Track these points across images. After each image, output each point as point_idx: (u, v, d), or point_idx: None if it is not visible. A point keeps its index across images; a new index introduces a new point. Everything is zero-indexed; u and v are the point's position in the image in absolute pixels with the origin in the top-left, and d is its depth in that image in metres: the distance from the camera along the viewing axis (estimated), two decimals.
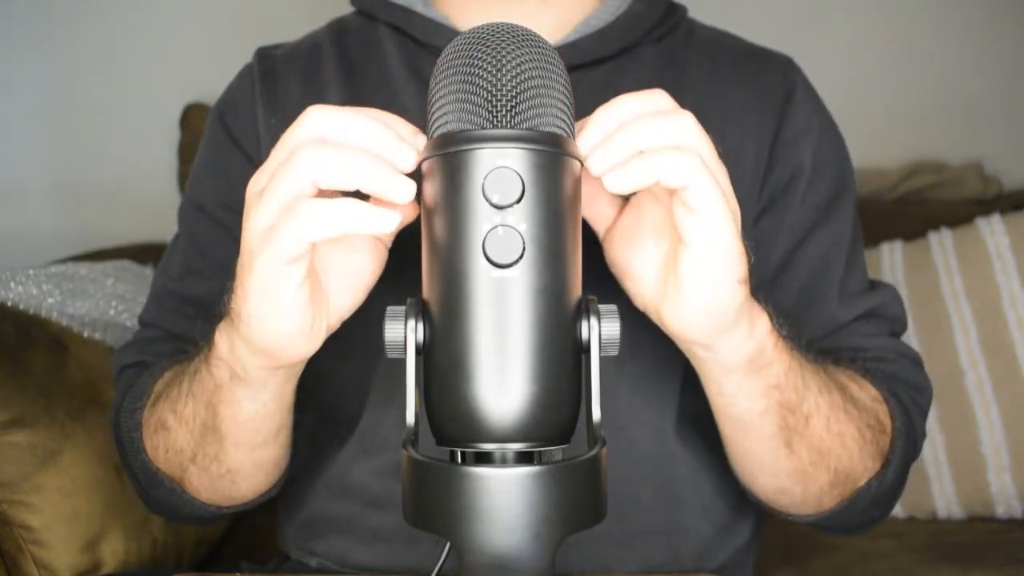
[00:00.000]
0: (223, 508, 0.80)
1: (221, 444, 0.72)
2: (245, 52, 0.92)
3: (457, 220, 0.51)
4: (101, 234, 1.70)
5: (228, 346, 0.64)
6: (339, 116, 0.55)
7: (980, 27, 1.80)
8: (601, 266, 0.71)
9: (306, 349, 0.61)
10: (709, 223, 0.56)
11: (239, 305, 0.60)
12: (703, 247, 0.57)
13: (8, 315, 1.08)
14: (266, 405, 0.68)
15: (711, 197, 0.55)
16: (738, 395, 0.68)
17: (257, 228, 0.55)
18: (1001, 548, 1.30)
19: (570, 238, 0.53)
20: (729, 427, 0.73)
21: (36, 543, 0.95)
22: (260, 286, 0.56)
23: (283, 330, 0.59)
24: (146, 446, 0.78)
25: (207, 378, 0.68)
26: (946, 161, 1.76)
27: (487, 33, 0.54)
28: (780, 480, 0.75)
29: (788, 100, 0.84)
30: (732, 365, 0.65)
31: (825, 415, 0.72)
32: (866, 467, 0.77)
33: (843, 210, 0.84)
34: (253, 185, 0.58)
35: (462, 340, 0.51)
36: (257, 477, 0.77)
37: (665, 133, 0.55)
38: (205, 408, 0.70)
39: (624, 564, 0.80)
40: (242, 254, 0.58)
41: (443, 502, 0.49)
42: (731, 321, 0.61)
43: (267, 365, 0.63)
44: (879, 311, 0.84)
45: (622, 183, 0.54)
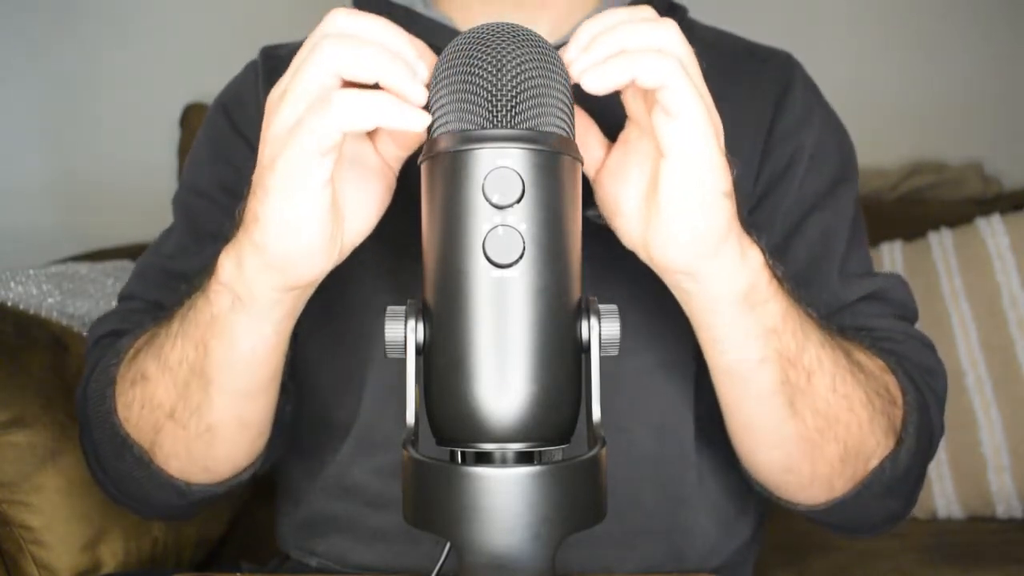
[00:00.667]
0: (193, 486, 0.76)
1: (207, 392, 0.68)
2: (245, 52, 0.92)
3: (457, 220, 0.51)
4: (101, 234, 1.70)
5: (236, 265, 0.61)
6: (361, 16, 0.55)
7: (980, 27, 1.80)
8: (601, 266, 0.71)
9: (320, 266, 0.59)
10: (687, 128, 0.55)
11: (256, 207, 0.57)
12: (682, 154, 0.56)
13: (8, 315, 1.08)
14: (264, 340, 0.65)
15: (689, 100, 0.54)
16: (730, 338, 0.65)
17: (282, 126, 0.55)
18: (1001, 548, 1.30)
19: (570, 238, 0.53)
20: (726, 384, 0.70)
21: (36, 543, 0.95)
22: (284, 183, 0.55)
23: (302, 237, 0.57)
24: (118, 404, 0.73)
25: (203, 311, 0.65)
26: (946, 161, 1.76)
27: (487, 33, 0.54)
28: (785, 452, 0.72)
29: (785, 92, 0.84)
30: (722, 298, 0.63)
31: (829, 373, 0.68)
32: (878, 442, 0.73)
33: (844, 196, 0.83)
34: (274, 91, 0.57)
35: (462, 340, 0.51)
36: (237, 441, 0.73)
37: (647, 36, 0.55)
38: (195, 348, 0.67)
39: (624, 564, 0.80)
40: (262, 157, 0.57)
41: (443, 502, 0.49)
42: (717, 241, 0.59)
43: (277, 284, 0.61)
44: (884, 294, 0.81)
45: (600, 81, 0.54)
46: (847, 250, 0.82)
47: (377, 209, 0.62)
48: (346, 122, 0.53)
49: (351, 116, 0.53)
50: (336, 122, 0.53)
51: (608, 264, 0.77)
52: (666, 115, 0.55)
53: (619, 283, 0.78)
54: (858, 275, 0.81)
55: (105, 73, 1.82)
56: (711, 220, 0.58)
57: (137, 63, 1.82)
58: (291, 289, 0.62)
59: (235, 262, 0.61)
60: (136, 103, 1.82)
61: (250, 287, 0.61)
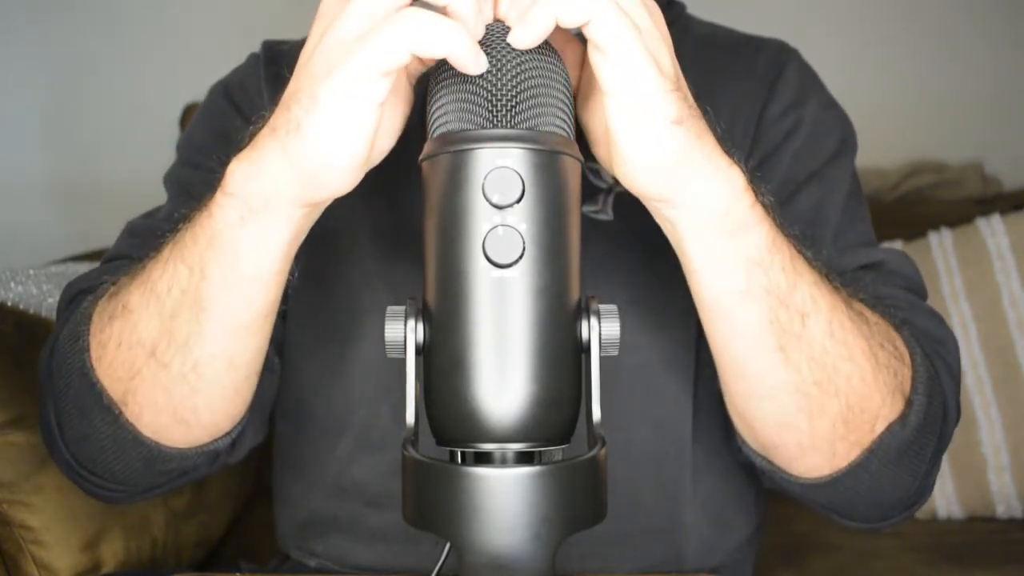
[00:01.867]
0: (164, 448, 0.68)
1: (198, 320, 0.63)
2: (245, 53, 0.92)
3: (457, 220, 0.51)
4: (101, 234, 1.69)
5: (255, 171, 0.57)
6: None
7: (980, 27, 1.81)
8: (601, 265, 0.71)
9: (348, 184, 0.56)
10: (621, 62, 0.52)
11: (300, 114, 0.54)
12: (620, 90, 0.53)
13: (8, 315, 1.08)
14: (270, 260, 0.61)
15: (615, 31, 0.51)
16: (710, 267, 0.61)
17: (346, 35, 0.52)
18: (1001, 548, 1.30)
19: (570, 238, 0.53)
20: (710, 321, 0.65)
21: (36, 543, 0.95)
22: (340, 95, 0.52)
23: (343, 151, 0.54)
24: (92, 344, 0.67)
25: (203, 228, 0.61)
26: (946, 161, 1.76)
27: (487, 33, 0.54)
28: (779, 404, 0.66)
29: (778, 77, 0.83)
30: (697, 222, 0.59)
31: (826, 317, 0.63)
32: (883, 400, 0.66)
33: (840, 167, 0.80)
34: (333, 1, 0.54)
35: (462, 340, 0.51)
36: (224, 386, 0.67)
37: None
38: (190, 270, 0.62)
39: (624, 564, 0.80)
40: (310, 64, 0.54)
41: (443, 502, 0.49)
42: (677, 165, 0.56)
43: (295, 197, 0.57)
44: (885, 266, 0.76)
45: (525, 35, 0.51)
46: (842, 221, 0.78)
47: (400, 127, 0.59)
48: (418, 45, 0.50)
49: (424, 39, 0.50)
50: (408, 42, 0.50)
51: (607, 260, 0.77)
52: (598, 51, 0.52)
53: (619, 282, 0.78)
54: (856, 245, 0.77)
55: (105, 73, 1.82)
56: (664, 149, 0.55)
57: (137, 63, 1.82)
58: (309, 204, 0.58)
59: (253, 168, 0.57)
60: (136, 103, 1.82)
61: (265, 195, 0.58)
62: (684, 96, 0.56)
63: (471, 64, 0.51)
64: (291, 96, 0.56)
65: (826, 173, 0.80)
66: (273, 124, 0.57)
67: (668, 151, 0.55)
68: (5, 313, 1.08)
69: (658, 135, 0.54)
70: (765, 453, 0.72)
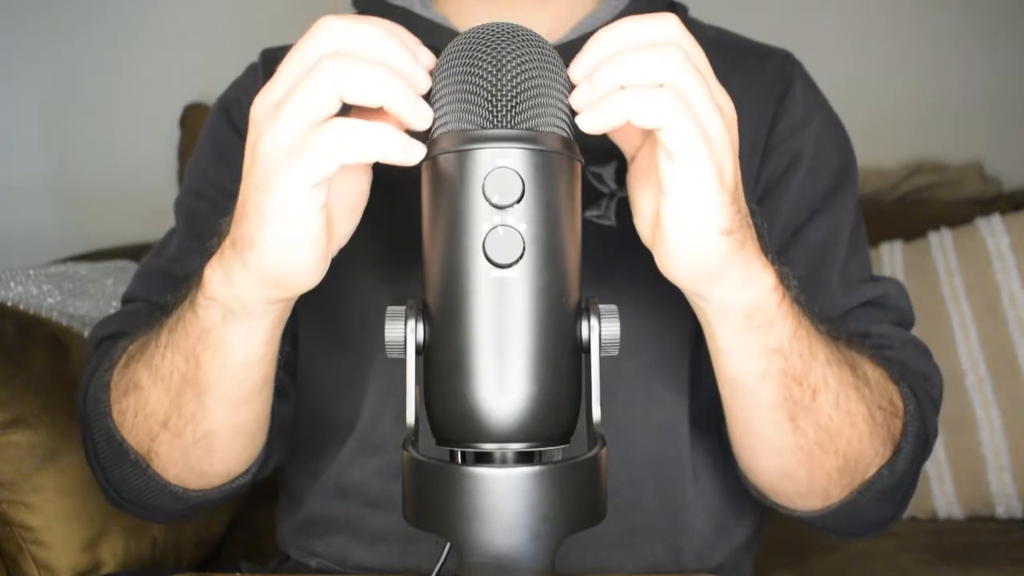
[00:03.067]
0: (190, 491, 0.75)
1: (201, 401, 0.68)
2: (245, 53, 0.92)
3: (457, 220, 0.51)
4: (101, 234, 1.70)
5: (225, 280, 0.60)
6: (355, 26, 0.52)
7: (980, 27, 1.81)
8: (601, 266, 0.71)
9: (314, 278, 0.58)
10: (686, 171, 0.53)
11: (251, 230, 0.56)
12: (679, 197, 0.54)
13: (8, 315, 1.08)
14: (257, 347, 0.65)
15: (689, 142, 0.52)
16: (735, 352, 0.65)
17: (277, 147, 0.52)
18: (1001, 548, 1.30)
19: (570, 238, 0.53)
20: (728, 391, 0.70)
21: (36, 543, 0.95)
22: (280, 210, 0.53)
23: (297, 258, 0.56)
24: (113, 410, 0.73)
25: (192, 324, 0.64)
26: (946, 161, 1.76)
27: (487, 33, 0.53)
28: (784, 460, 0.72)
29: (786, 93, 0.84)
30: (727, 316, 0.63)
31: (834, 391, 0.68)
32: (876, 452, 0.73)
33: (844, 199, 0.83)
34: (262, 100, 0.54)
35: (462, 340, 0.51)
36: (233, 447, 0.73)
37: (650, 68, 0.51)
38: (186, 360, 0.66)
39: (624, 564, 0.80)
40: (253, 175, 0.54)
41: (443, 502, 0.49)
42: (716, 271, 0.58)
43: (270, 297, 0.60)
44: (883, 301, 0.81)
45: (594, 122, 0.52)
46: (848, 256, 0.81)
47: (361, 207, 0.60)
48: (345, 155, 0.51)
49: (351, 149, 0.51)
50: (335, 155, 0.51)
51: (608, 264, 0.77)
52: (666, 155, 0.53)
53: (619, 283, 0.78)
54: (858, 281, 0.81)
55: (105, 73, 1.82)
56: (708, 257, 0.57)
57: (137, 63, 1.82)
58: (284, 300, 0.62)
59: (224, 278, 0.60)
60: (136, 103, 1.82)
61: (241, 301, 0.61)
62: (739, 206, 0.57)
63: (407, 160, 0.52)
64: (241, 208, 0.57)
65: (832, 206, 0.82)
66: (233, 237, 0.59)
67: (712, 259, 0.57)
68: (5, 313, 1.08)
69: (706, 244, 0.56)
70: (764, 492, 0.77)
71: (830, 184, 0.83)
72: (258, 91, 0.85)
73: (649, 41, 0.53)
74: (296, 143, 0.52)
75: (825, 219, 0.82)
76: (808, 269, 0.80)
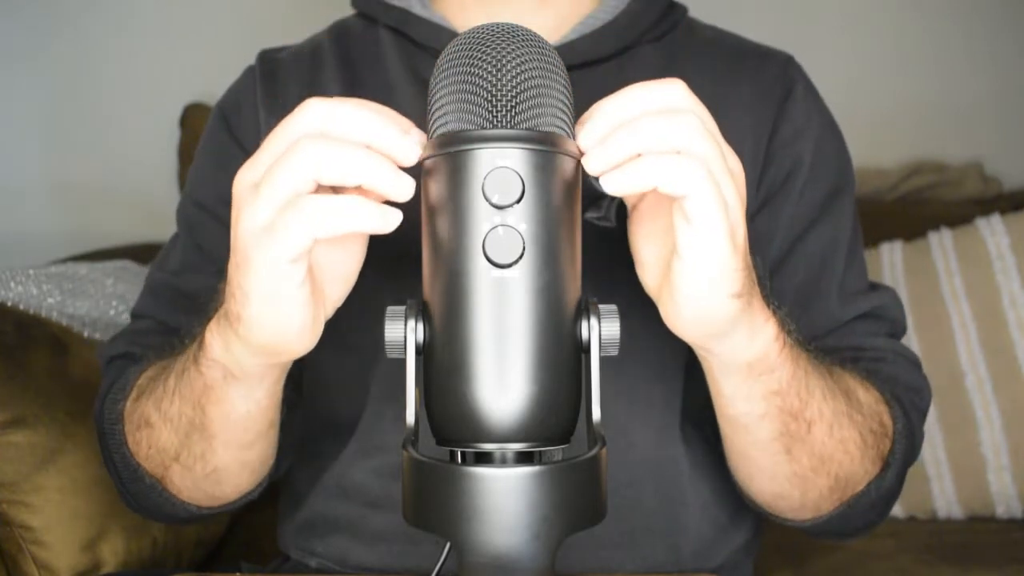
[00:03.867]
0: (203, 508, 0.79)
1: (209, 443, 0.71)
2: (245, 53, 0.92)
3: (457, 220, 0.51)
4: (101, 234, 1.70)
5: (223, 347, 0.63)
6: (339, 109, 0.53)
7: (980, 27, 1.80)
8: (601, 266, 0.71)
9: (306, 345, 0.60)
10: (702, 236, 0.54)
11: (237, 308, 0.58)
12: (694, 260, 0.55)
13: (8, 315, 1.08)
14: (259, 403, 0.68)
15: (708, 210, 0.53)
16: (736, 396, 0.68)
17: (254, 225, 0.53)
18: (1001, 548, 1.30)
19: (570, 238, 0.53)
20: (728, 427, 0.73)
21: (36, 543, 0.95)
22: (261, 287, 0.55)
23: (285, 329, 0.57)
24: (128, 440, 0.76)
25: (196, 379, 0.67)
26: (946, 161, 1.76)
27: (487, 33, 0.53)
28: (778, 484, 0.75)
29: (787, 97, 0.84)
30: (730, 368, 0.65)
31: (828, 422, 0.71)
32: (866, 471, 0.76)
33: (842, 207, 0.84)
34: (244, 177, 0.55)
35: (462, 340, 0.51)
36: (242, 476, 0.76)
37: (667, 136, 0.52)
38: (193, 408, 0.69)
39: (624, 564, 0.80)
40: (235, 252, 0.56)
41: (443, 502, 0.49)
42: (723, 331, 0.61)
43: (265, 363, 0.63)
44: (879, 312, 0.83)
45: (619, 186, 0.52)
46: (846, 265, 0.83)
47: (355, 270, 0.61)
48: (319, 230, 0.52)
49: (322, 224, 0.51)
50: (308, 230, 0.52)
51: (608, 264, 0.77)
52: (684, 219, 0.54)
53: (618, 284, 0.78)
54: (855, 293, 0.83)
55: (105, 73, 1.82)
56: (717, 318, 0.59)
57: (137, 63, 1.82)
58: (281, 364, 0.64)
59: (222, 345, 0.63)
60: (136, 103, 1.82)
61: (240, 365, 0.63)
62: (748, 267, 0.59)
63: (382, 229, 0.52)
64: (229, 285, 0.59)
65: (831, 215, 0.83)
66: (225, 311, 0.61)
67: (720, 320, 0.59)
68: (5, 313, 1.08)
69: (715, 305, 0.57)
70: (758, 506, 0.80)
71: (829, 191, 0.83)
72: (255, 94, 0.86)
73: (660, 108, 0.54)
74: (270, 221, 0.53)
75: (824, 228, 0.82)
76: (807, 279, 0.82)
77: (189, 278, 0.83)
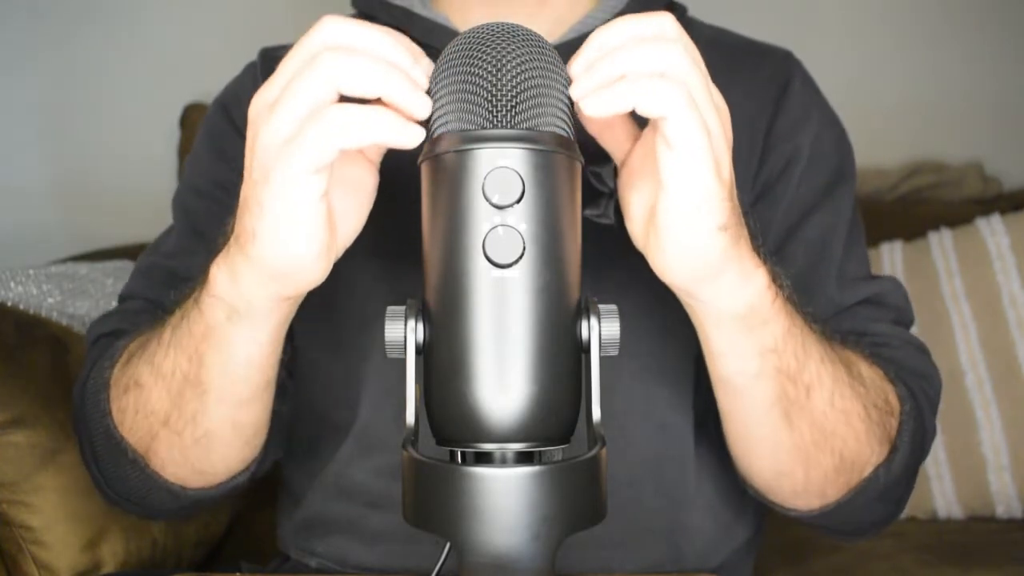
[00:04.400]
0: (188, 490, 0.75)
1: (202, 400, 0.68)
2: (245, 53, 0.92)
3: (457, 220, 0.51)
4: (101, 234, 1.70)
5: (230, 277, 0.61)
6: (355, 26, 0.53)
7: (980, 28, 1.80)
8: (601, 266, 0.71)
9: (317, 275, 0.59)
10: (685, 161, 0.53)
11: (252, 223, 0.56)
12: (677, 187, 0.54)
13: (8, 315, 1.08)
14: (261, 348, 0.65)
15: (688, 131, 0.52)
16: (729, 353, 0.66)
17: (275, 139, 0.53)
18: (1001, 548, 1.29)
19: (570, 238, 0.53)
20: (723, 393, 0.70)
21: (36, 543, 0.95)
22: (280, 200, 0.54)
23: (298, 250, 0.56)
24: (112, 408, 0.73)
25: (196, 322, 0.65)
26: (946, 161, 1.76)
27: (487, 33, 0.53)
28: (780, 460, 0.72)
29: (784, 91, 0.84)
30: (721, 317, 0.63)
31: (829, 388, 0.69)
32: (873, 451, 0.73)
33: (842, 197, 0.83)
34: (259, 99, 0.55)
35: (462, 340, 0.51)
36: (233, 446, 0.73)
37: (651, 60, 0.52)
38: (189, 359, 0.67)
39: (625, 564, 0.80)
40: (251, 171, 0.55)
41: (443, 502, 0.49)
42: (713, 270, 0.59)
43: (273, 294, 0.61)
44: (881, 299, 0.81)
45: (597, 106, 0.52)
46: (845, 253, 0.81)
47: (367, 207, 0.61)
48: (343, 140, 0.51)
49: (348, 134, 0.51)
50: (333, 140, 0.51)
51: (608, 264, 0.77)
52: (666, 145, 0.53)
53: (619, 283, 0.78)
54: (856, 279, 0.81)
55: (105, 73, 1.82)
56: (704, 253, 0.57)
57: (137, 63, 1.82)
58: (287, 298, 0.62)
59: (229, 275, 0.61)
60: (136, 103, 1.82)
61: (246, 299, 0.61)
62: (734, 204, 0.58)
63: (406, 143, 0.52)
64: (244, 203, 0.58)
65: (829, 203, 0.82)
66: (236, 232, 0.59)
67: (708, 255, 0.58)
68: (5, 313, 1.08)
69: (703, 239, 0.56)
70: (762, 492, 0.77)
71: (828, 182, 0.83)
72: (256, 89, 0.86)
73: (648, 36, 0.54)
74: (294, 133, 0.52)
75: (822, 216, 0.81)
76: (806, 265, 0.80)
77: (185, 260, 0.81)
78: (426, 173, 0.53)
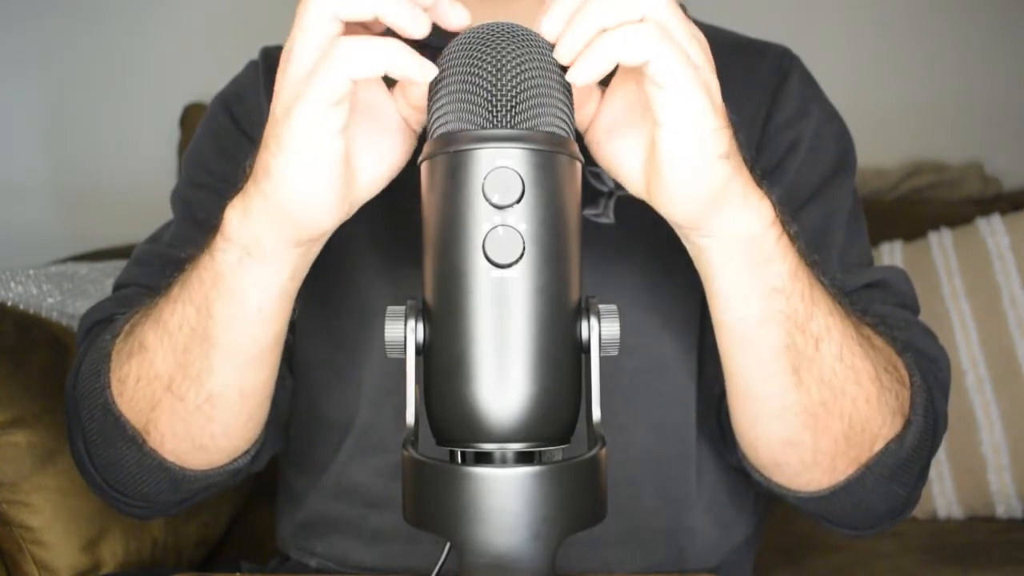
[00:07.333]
0: (186, 470, 0.72)
1: (208, 357, 0.67)
2: (245, 53, 0.92)
3: (457, 220, 0.51)
4: (101, 234, 1.70)
5: (243, 216, 0.61)
6: None
7: (980, 28, 1.81)
8: (601, 266, 0.71)
9: (330, 219, 0.59)
10: (677, 96, 0.53)
11: (268, 158, 0.57)
12: (675, 123, 0.54)
13: (8, 315, 1.08)
14: (271, 297, 0.64)
15: (675, 68, 0.53)
16: (734, 294, 0.64)
17: (292, 78, 0.55)
18: (1001, 548, 1.30)
19: (570, 238, 0.53)
20: (727, 341, 0.67)
21: (36, 543, 0.95)
22: (297, 134, 0.55)
23: (313, 188, 0.57)
24: (112, 380, 0.71)
25: (207, 269, 0.64)
26: (946, 161, 1.76)
27: (487, 33, 0.54)
28: (787, 424, 0.69)
29: (781, 86, 0.84)
30: (726, 252, 0.62)
31: (838, 342, 0.66)
32: (884, 420, 0.70)
33: (841, 186, 0.82)
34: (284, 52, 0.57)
35: (462, 340, 0.51)
36: (237, 414, 0.70)
37: (624, 7, 0.53)
38: (197, 310, 0.66)
39: (625, 564, 0.80)
40: (274, 111, 0.57)
41: (443, 502, 0.49)
42: (716, 199, 0.59)
43: (285, 237, 0.60)
44: (886, 284, 0.79)
45: (586, 74, 0.53)
46: (846, 240, 0.80)
47: (389, 165, 0.61)
48: (353, 70, 0.52)
49: (357, 64, 0.52)
50: (343, 71, 0.52)
51: (609, 267, 0.77)
52: (655, 86, 0.53)
53: (619, 285, 0.78)
54: (858, 265, 0.80)
55: (105, 73, 1.82)
56: (708, 182, 0.57)
57: (137, 63, 1.82)
58: (299, 243, 0.61)
59: (242, 213, 0.61)
60: (136, 103, 1.82)
61: (258, 239, 0.61)
62: (730, 132, 0.58)
63: (416, 75, 0.53)
64: (264, 143, 0.58)
65: (829, 191, 0.81)
66: (254, 171, 0.60)
67: (713, 183, 0.57)
68: (5, 313, 1.08)
69: (707, 168, 0.56)
70: (767, 472, 0.74)
71: (827, 172, 0.82)
72: (258, 87, 0.86)
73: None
74: (308, 71, 0.54)
75: (822, 204, 0.80)
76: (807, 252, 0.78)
77: (183, 248, 0.78)
78: (426, 173, 0.53)
